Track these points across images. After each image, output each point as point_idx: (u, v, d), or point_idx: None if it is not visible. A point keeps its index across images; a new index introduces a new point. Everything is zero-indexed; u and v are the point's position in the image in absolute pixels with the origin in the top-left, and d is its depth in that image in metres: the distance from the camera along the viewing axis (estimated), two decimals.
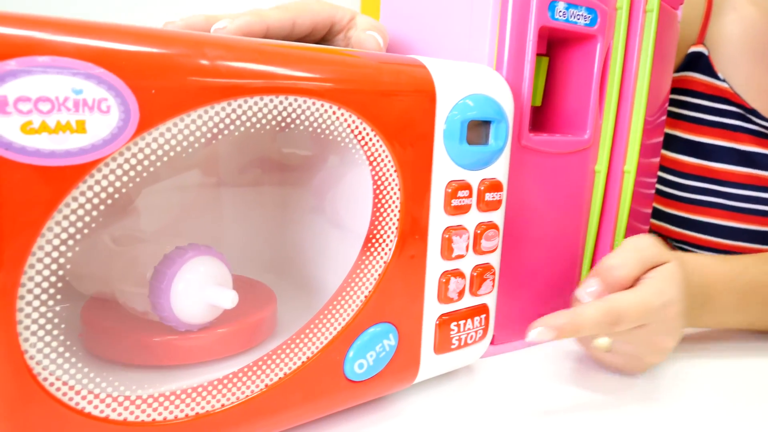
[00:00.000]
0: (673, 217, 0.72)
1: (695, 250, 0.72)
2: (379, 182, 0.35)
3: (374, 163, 0.34)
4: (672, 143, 0.71)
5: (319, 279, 0.42)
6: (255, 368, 0.32)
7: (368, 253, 0.35)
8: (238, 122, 0.29)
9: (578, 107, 0.50)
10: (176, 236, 0.41)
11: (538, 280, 0.51)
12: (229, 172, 0.46)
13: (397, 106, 0.34)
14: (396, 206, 0.36)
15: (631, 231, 0.54)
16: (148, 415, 0.29)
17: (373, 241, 0.35)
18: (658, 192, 0.73)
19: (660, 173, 0.72)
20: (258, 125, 0.30)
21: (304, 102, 0.31)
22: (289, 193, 0.46)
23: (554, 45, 0.50)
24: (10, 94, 0.23)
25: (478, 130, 0.40)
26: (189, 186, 0.43)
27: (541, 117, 0.52)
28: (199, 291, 0.33)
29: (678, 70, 0.70)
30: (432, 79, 0.36)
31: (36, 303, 0.25)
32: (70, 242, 0.25)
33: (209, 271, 0.34)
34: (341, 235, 0.39)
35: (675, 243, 0.74)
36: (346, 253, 0.37)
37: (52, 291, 0.25)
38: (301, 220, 0.45)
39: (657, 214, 0.73)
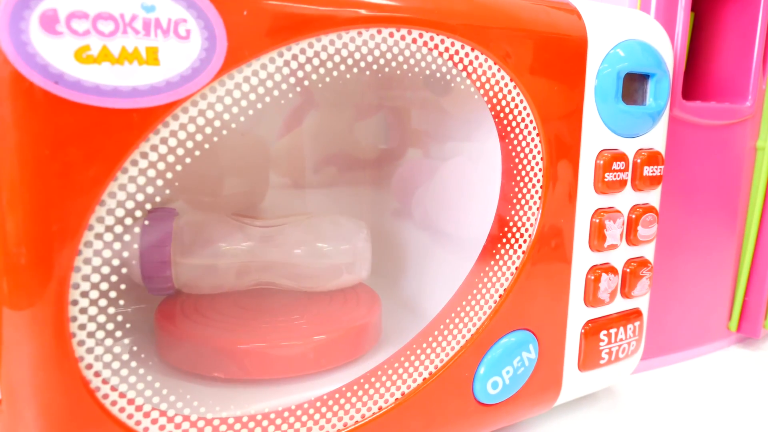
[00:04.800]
0: None
1: None
2: (515, 151, 0.27)
3: (510, 127, 0.27)
4: None
5: (426, 277, 0.34)
6: (366, 385, 0.25)
7: (501, 243, 0.28)
8: (350, 60, 0.22)
9: (736, 70, 0.41)
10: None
11: (685, 280, 0.42)
12: (310, 168, 0.39)
13: (543, 53, 0.27)
14: (537, 181, 0.28)
15: None
16: None
17: (508, 227, 0.28)
18: None
19: None
20: (375, 66, 0.23)
21: (431, 38, 0.24)
22: (391, 180, 0.39)
23: None
24: (60, 8, 0.17)
25: (631, 88, 0.32)
26: (278, 170, 0.37)
27: (685, 84, 0.43)
28: None
29: None
30: (584, 23, 0.28)
31: (94, 294, 0.19)
32: (138, 213, 0.19)
33: None
34: (456, 223, 0.32)
35: None
36: (465, 245, 0.30)
37: (114, 279, 0.19)
38: (405, 213, 0.38)
39: None
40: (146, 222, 0.28)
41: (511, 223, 0.28)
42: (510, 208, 0.28)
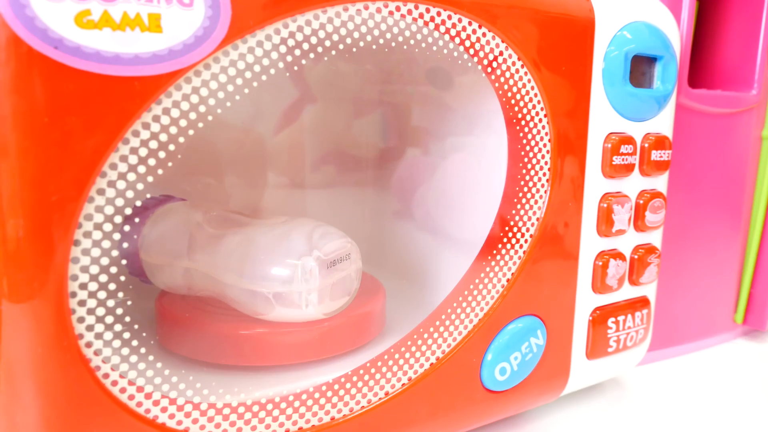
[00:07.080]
0: None
1: None
2: (523, 132, 0.27)
3: (518, 107, 0.26)
4: None
5: (430, 263, 0.34)
6: (372, 370, 0.24)
7: (509, 226, 0.27)
8: (356, 34, 0.22)
9: (741, 58, 0.40)
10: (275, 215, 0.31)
11: (690, 271, 0.41)
12: (309, 166, 0.38)
13: (551, 33, 0.26)
14: (545, 163, 0.27)
15: None
16: (239, 429, 0.22)
17: (516, 209, 0.27)
18: None
19: None
20: (381, 40, 0.22)
21: (437, 14, 0.23)
22: (392, 178, 0.38)
23: None
24: None
25: (638, 72, 0.31)
26: (279, 158, 0.37)
27: (690, 72, 0.43)
28: None
29: None
30: (591, 4, 0.28)
31: (94, 269, 0.18)
32: (140, 186, 0.18)
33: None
34: (462, 211, 0.32)
35: None
36: (471, 235, 0.29)
37: (116, 253, 0.18)
38: (407, 210, 0.37)
39: None
40: (135, 209, 0.26)
41: (518, 206, 0.27)
42: (518, 191, 0.27)
